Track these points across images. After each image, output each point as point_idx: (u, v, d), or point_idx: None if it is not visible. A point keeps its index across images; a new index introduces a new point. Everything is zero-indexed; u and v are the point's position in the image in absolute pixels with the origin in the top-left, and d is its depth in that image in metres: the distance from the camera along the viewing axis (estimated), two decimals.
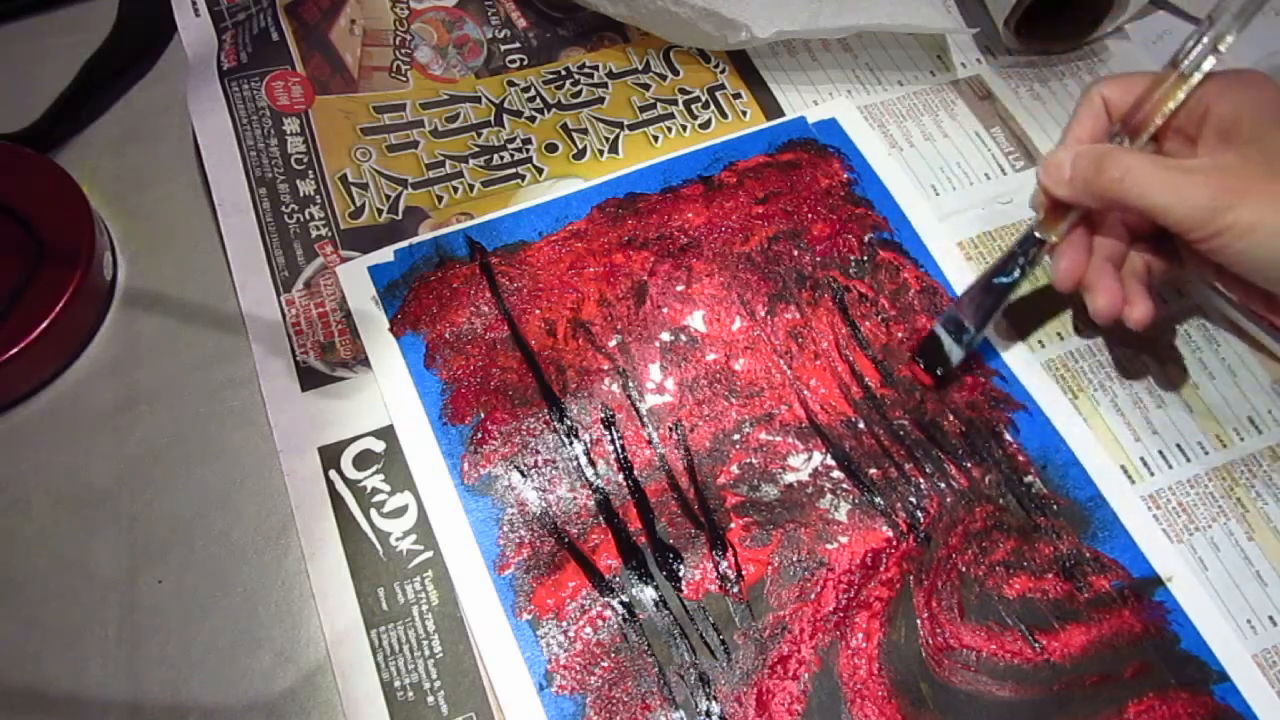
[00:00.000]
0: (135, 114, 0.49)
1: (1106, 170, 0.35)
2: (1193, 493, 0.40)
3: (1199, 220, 0.33)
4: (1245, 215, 0.33)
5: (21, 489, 0.39)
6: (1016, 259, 0.39)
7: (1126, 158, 0.35)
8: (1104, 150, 0.36)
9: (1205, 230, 0.33)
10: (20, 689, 0.35)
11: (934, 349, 0.41)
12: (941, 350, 0.40)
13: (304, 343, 0.41)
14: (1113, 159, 0.35)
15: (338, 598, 0.36)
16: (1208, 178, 0.34)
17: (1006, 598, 0.37)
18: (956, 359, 0.40)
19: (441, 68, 0.50)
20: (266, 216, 0.44)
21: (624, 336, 0.42)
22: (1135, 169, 0.34)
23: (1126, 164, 0.35)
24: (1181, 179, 0.34)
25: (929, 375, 0.41)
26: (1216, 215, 0.33)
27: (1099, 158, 0.36)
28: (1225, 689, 0.35)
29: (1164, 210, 0.34)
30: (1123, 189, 0.35)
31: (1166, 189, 0.34)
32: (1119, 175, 0.35)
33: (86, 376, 0.42)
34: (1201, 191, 0.33)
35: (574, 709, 0.34)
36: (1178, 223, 0.34)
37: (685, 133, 0.49)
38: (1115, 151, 0.36)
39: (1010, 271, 0.39)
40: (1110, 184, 0.35)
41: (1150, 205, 0.34)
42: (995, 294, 0.40)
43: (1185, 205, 0.34)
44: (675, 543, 0.37)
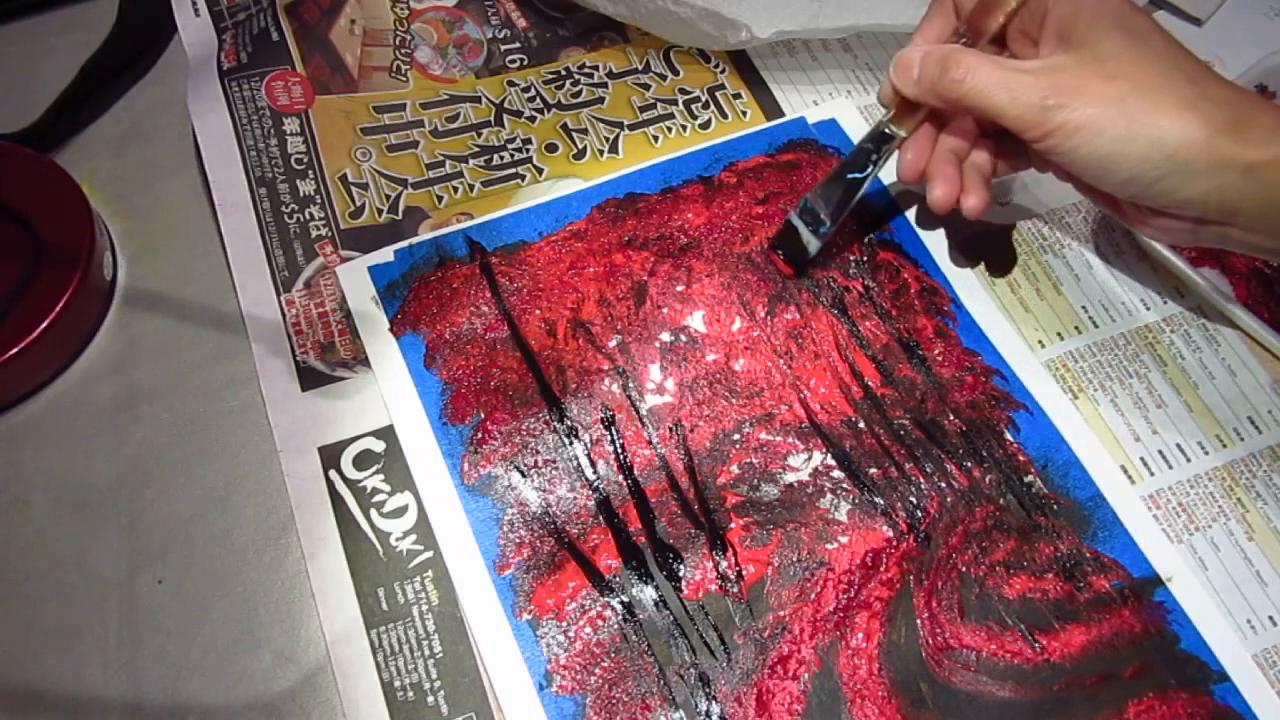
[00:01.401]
0: (135, 114, 0.49)
1: (949, 70, 0.36)
2: (1193, 493, 0.40)
3: (1031, 120, 0.34)
4: (1073, 115, 0.33)
5: (21, 489, 0.39)
6: (869, 154, 0.40)
7: (968, 58, 0.35)
8: (948, 51, 0.36)
9: (1038, 130, 0.34)
10: (20, 689, 0.35)
11: (792, 240, 0.42)
12: (799, 240, 0.42)
13: (304, 343, 0.41)
14: (955, 59, 0.36)
15: (338, 598, 0.36)
16: (1040, 78, 0.34)
17: (1006, 598, 0.37)
18: (814, 250, 0.41)
19: (441, 68, 0.50)
20: (266, 216, 0.44)
21: (624, 336, 0.42)
22: (975, 69, 0.35)
23: (968, 64, 0.35)
24: (1016, 79, 0.35)
25: (788, 265, 0.43)
26: (1047, 115, 0.34)
27: (943, 58, 0.36)
28: (1225, 689, 0.35)
29: (1000, 109, 0.35)
30: (963, 89, 0.35)
31: (1002, 89, 0.35)
32: (960, 76, 0.35)
33: (86, 376, 0.42)
34: (1033, 91, 0.34)
35: (574, 709, 0.34)
36: (1012, 121, 0.35)
37: (685, 133, 0.49)
38: (959, 52, 0.36)
39: (864, 166, 0.40)
40: (952, 84, 0.36)
41: (988, 105, 0.35)
42: (848, 187, 0.40)
43: (1019, 105, 0.34)
44: (675, 543, 0.37)
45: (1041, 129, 0.34)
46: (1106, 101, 0.33)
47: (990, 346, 0.43)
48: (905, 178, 0.40)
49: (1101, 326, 0.44)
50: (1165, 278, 0.45)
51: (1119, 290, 0.45)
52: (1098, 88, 0.33)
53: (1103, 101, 0.33)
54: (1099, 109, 0.33)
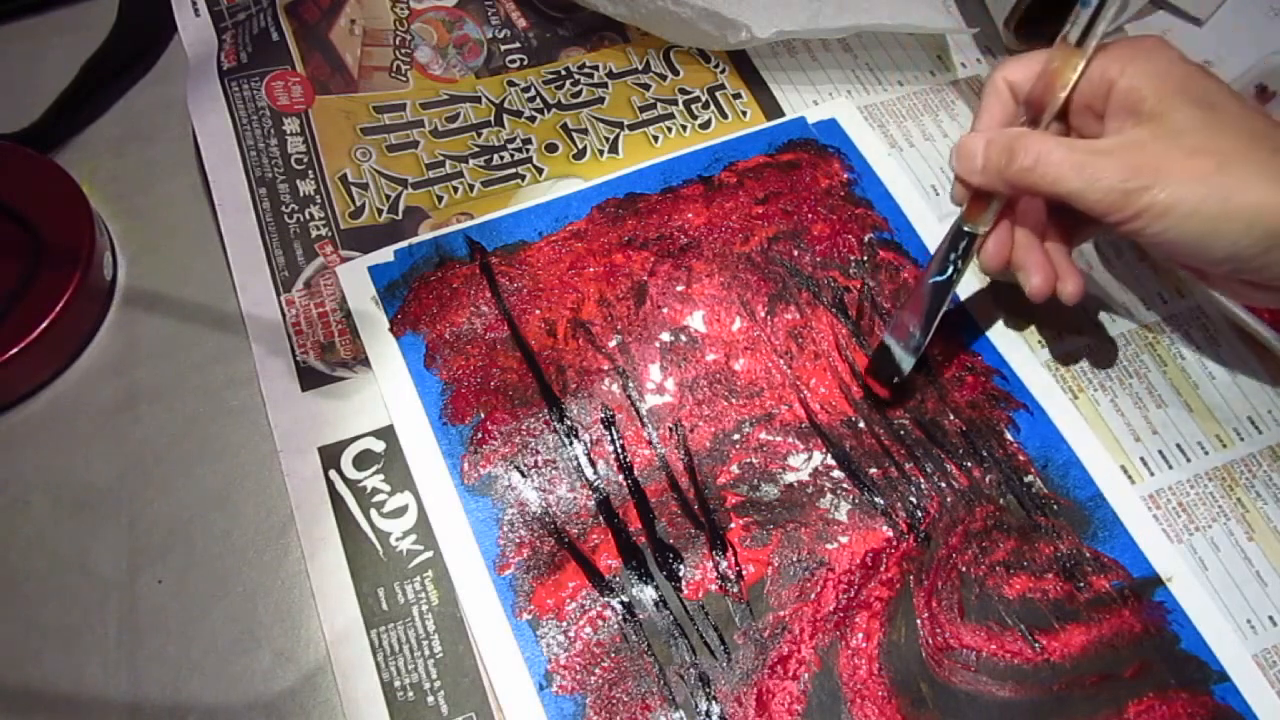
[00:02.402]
0: (135, 114, 0.49)
1: (1017, 157, 0.34)
2: (1193, 493, 0.40)
3: (1114, 204, 0.33)
4: (1161, 197, 0.32)
5: (21, 489, 0.39)
6: (949, 256, 0.38)
7: (1036, 143, 0.34)
8: (1014, 135, 0.35)
9: (1122, 213, 0.33)
10: (20, 689, 0.35)
11: (885, 360, 0.40)
12: (893, 359, 0.39)
13: (304, 343, 0.41)
14: (1022, 144, 0.34)
15: (338, 598, 0.36)
16: (1117, 159, 0.33)
17: (1006, 598, 0.37)
18: (908, 366, 0.39)
19: (441, 68, 0.50)
20: (266, 216, 0.44)
21: (624, 336, 0.42)
22: (1045, 155, 0.34)
23: (1036, 149, 0.34)
24: (1091, 161, 0.33)
25: (885, 388, 0.40)
26: (1131, 198, 0.32)
27: (1009, 144, 0.35)
28: (1225, 689, 0.35)
29: (1077, 195, 0.33)
30: (1035, 176, 0.34)
31: (1077, 173, 0.33)
32: (1030, 163, 0.34)
33: (86, 376, 0.42)
34: (1113, 174, 0.32)
35: (574, 709, 0.34)
36: (1092, 206, 0.33)
37: (685, 133, 0.49)
38: (1024, 136, 0.35)
39: (945, 270, 0.38)
40: (1022, 172, 0.34)
41: (1063, 191, 0.34)
42: (935, 294, 0.39)
43: (1098, 190, 0.33)
44: (675, 543, 0.37)
45: (1124, 213, 0.32)
46: (1193, 179, 0.32)
47: (990, 346, 0.43)
48: (990, 270, 0.39)
49: (1101, 326, 0.44)
50: (1165, 278, 0.45)
51: (1119, 290, 0.45)
52: (1181, 165, 0.32)
53: (1190, 180, 0.32)
54: (1186, 188, 0.31)
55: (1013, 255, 0.38)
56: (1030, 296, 0.38)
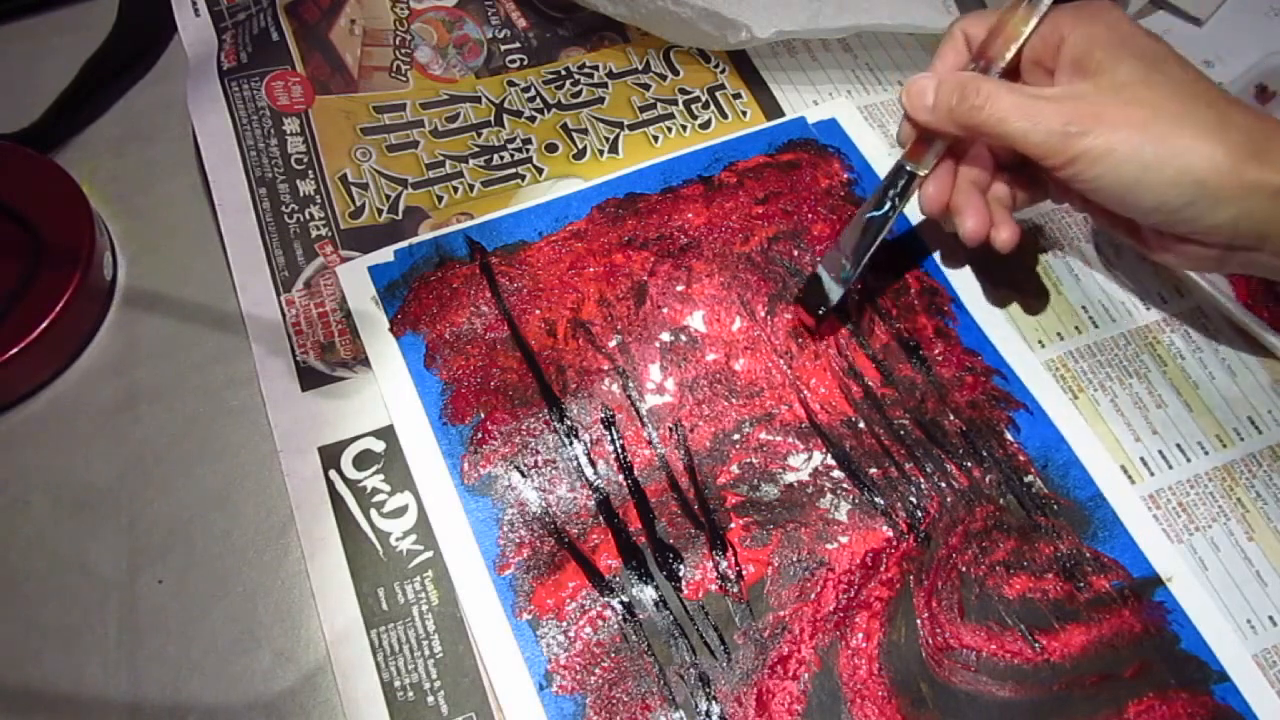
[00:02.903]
0: (135, 114, 0.49)
1: (967, 97, 0.36)
2: (1193, 493, 0.40)
3: (1054, 147, 0.34)
4: (1098, 141, 0.33)
5: (21, 489, 0.39)
6: (888, 192, 0.39)
7: (986, 85, 0.35)
8: (965, 78, 0.36)
9: (1060, 157, 0.34)
10: (20, 689, 0.35)
11: (815, 289, 0.41)
12: (822, 289, 0.41)
13: (304, 343, 0.41)
14: (973, 86, 0.36)
15: (338, 598, 0.36)
16: (1061, 105, 0.34)
17: (1006, 598, 0.37)
18: (836, 297, 0.40)
19: (441, 68, 0.50)
20: (266, 216, 0.44)
21: (624, 336, 0.42)
22: (994, 95, 0.35)
23: (986, 90, 0.35)
24: (1037, 105, 0.34)
25: (811, 316, 0.41)
26: (1069, 141, 0.33)
27: (960, 85, 0.36)
28: (1225, 689, 0.35)
29: (1021, 136, 0.34)
30: (982, 116, 0.35)
31: (1022, 115, 0.34)
32: (980, 102, 0.35)
33: (86, 376, 0.42)
34: (1055, 118, 0.34)
35: (574, 709, 0.34)
36: (1034, 148, 0.34)
37: (685, 133, 0.49)
38: (976, 79, 0.36)
39: (882, 205, 0.39)
40: (971, 110, 0.35)
41: (1008, 131, 0.35)
42: (870, 230, 0.39)
43: (1040, 131, 0.34)
44: (675, 543, 0.37)
45: (1064, 156, 0.34)
46: (1130, 127, 0.33)
47: (990, 346, 0.43)
48: (929, 211, 0.40)
49: (1101, 326, 0.44)
50: (1165, 278, 0.45)
51: (1119, 290, 0.45)
52: (1119, 113, 0.33)
53: (1126, 127, 0.33)
54: (1123, 135, 0.33)
55: (951, 199, 0.40)
56: (964, 239, 0.39)
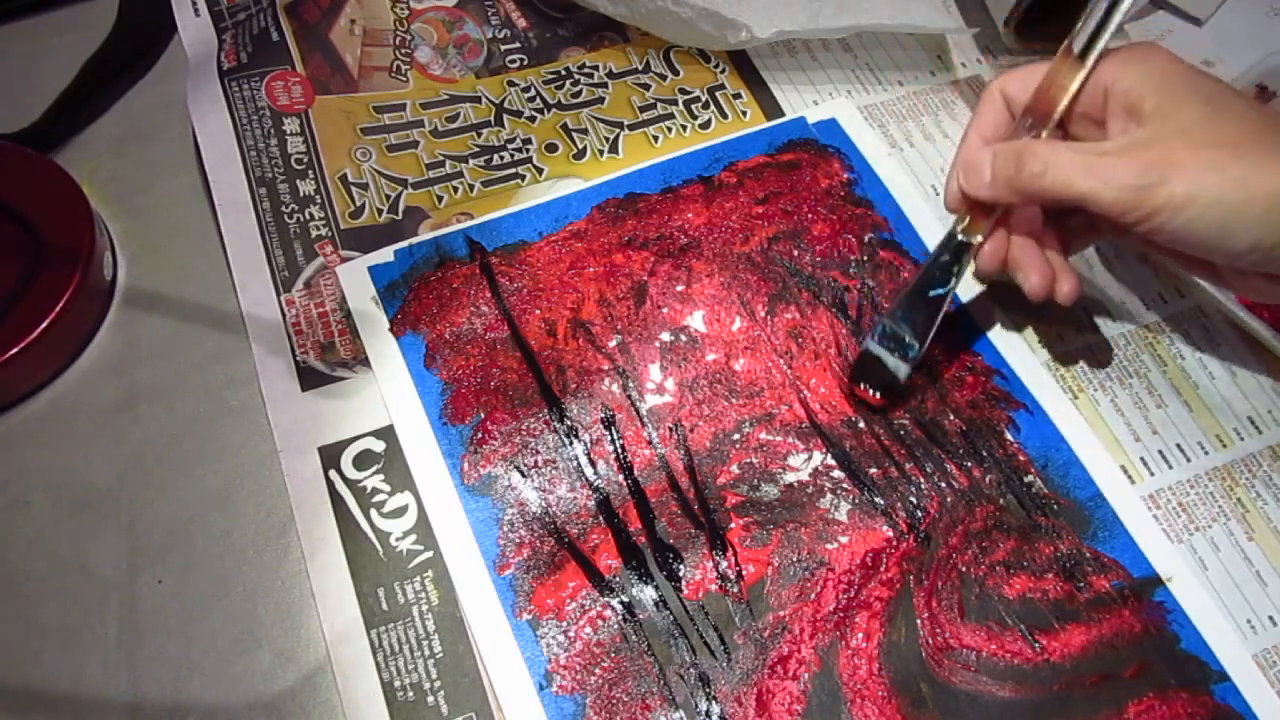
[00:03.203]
0: (135, 114, 0.49)
1: (1026, 166, 0.34)
2: (1193, 493, 0.40)
3: (1130, 202, 0.32)
4: (1178, 189, 0.32)
5: (21, 489, 0.39)
6: (949, 267, 0.38)
7: (1044, 150, 0.34)
8: (1020, 146, 0.35)
9: (1139, 211, 0.32)
10: (20, 689, 0.35)
11: (875, 369, 0.39)
12: (885, 369, 0.39)
13: (304, 343, 0.41)
14: (1030, 153, 0.34)
15: (338, 598, 0.36)
16: (1128, 157, 0.33)
17: (1006, 598, 0.37)
18: (904, 375, 0.39)
19: (441, 68, 0.50)
20: (266, 216, 0.44)
21: (624, 336, 0.42)
22: (1055, 160, 0.34)
23: (1045, 156, 0.34)
24: (1103, 162, 0.33)
25: (878, 398, 0.40)
26: (1147, 194, 0.32)
27: (1017, 154, 0.35)
28: (1225, 689, 0.35)
29: (1093, 196, 0.33)
30: (1046, 182, 0.34)
31: (1090, 175, 0.33)
32: (1040, 170, 0.34)
33: (86, 376, 0.42)
34: (1125, 172, 0.32)
35: (574, 709, 0.34)
36: (1108, 207, 0.33)
37: (685, 133, 0.49)
38: (1031, 145, 0.35)
39: (945, 282, 0.38)
40: (1032, 179, 0.34)
41: (1077, 194, 0.33)
42: (932, 306, 0.38)
43: (1112, 189, 0.33)
44: (675, 543, 0.37)
45: (1143, 210, 0.32)
46: (1208, 170, 0.31)
47: (990, 346, 0.43)
48: (986, 273, 0.39)
49: (1101, 326, 0.44)
50: (1165, 278, 0.45)
51: (1119, 290, 0.45)
52: (1194, 158, 0.32)
53: (1204, 170, 0.31)
54: (1204, 178, 0.31)
55: (1009, 255, 0.38)
56: (1029, 295, 0.38)
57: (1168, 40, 0.54)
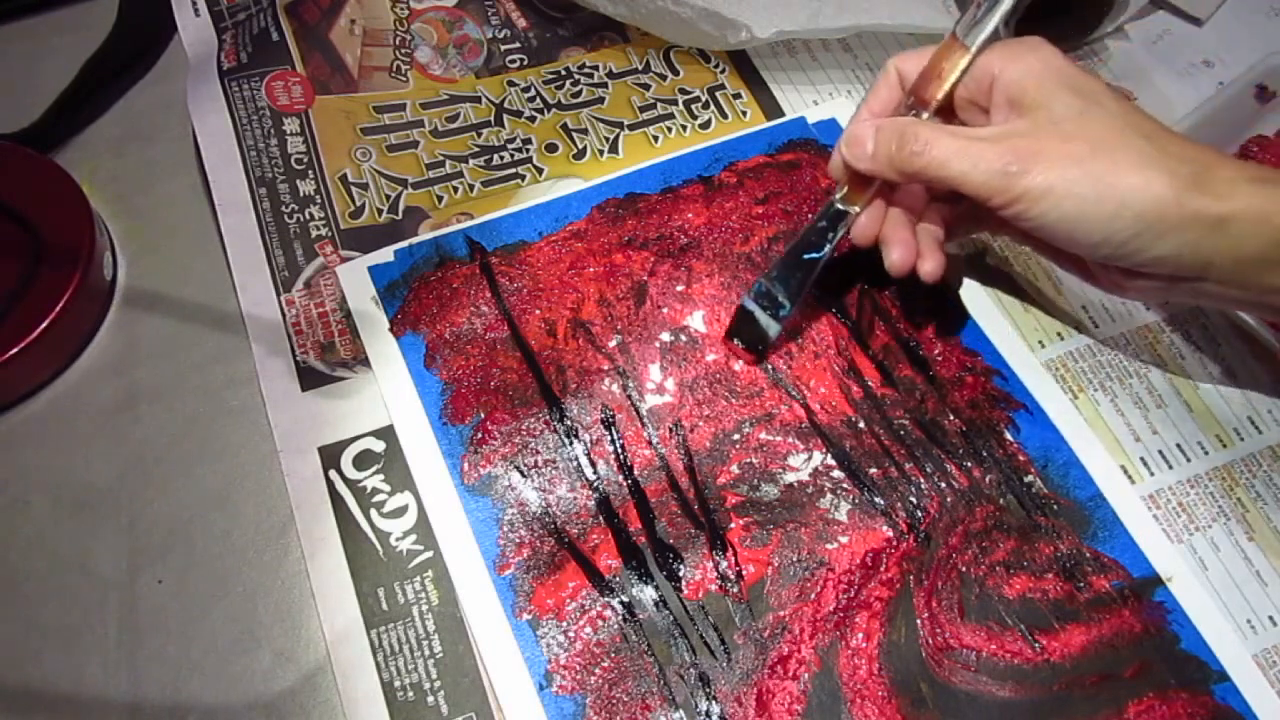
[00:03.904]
0: (135, 114, 0.49)
1: (906, 144, 0.35)
2: (1193, 493, 0.40)
3: (995, 187, 0.33)
4: (1037, 180, 0.33)
5: (21, 489, 0.39)
6: (824, 233, 0.39)
7: (925, 130, 0.35)
8: (903, 124, 0.36)
9: (1003, 197, 0.34)
10: (20, 689, 0.35)
11: (748, 326, 0.41)
12: (758, 326, 0.40)
13: (304, 343, 0.41)
14: (911, 132, 0.35)
15: (338, 598, 0.36)
16: (999, 144, 0.34)
17: (1006, 598, 0.37)
18: (774, 333, 0.40)
19: (441, 68, 0.50)
20: (266, 216, 0.44)
21: (624, 336, 0.42)
22: (932, 140, 0.35)
23: (925, 136, 0.35)
24: (976, 147, 0.34)
25: (748, 353, 0.41)
26: (1010, 181, 0.33)
27: (899, 131, 0.36)
28: (1225, 689, 0.35)
29: (962, 178, 0.34)
30: (922, 161, 0.35)
31: (962, 158, 0.34)
32: (918, 148, 0.35)
33: (86, 376, 0.42)
34: (994, 157, 0.33)
35: (574, 709, 0.34)
36: (976, 189, 0.34)
37: (685, 133, 0.49)
38: (914, 124, 0.36)
39: (819, 247, 0.39)
40: (910, 157, 0.35)
41: (949, 175, 0.34)
42: (806, 268, 0.40)
43: (980, 172, 0.34)
44: (675, 543, 0.37)
45: (1006, 195, 0.34)
46: (1069, 163, 0.33)
47: (990, 346, 0.43)
48: (859, 242, 0.39)
49: (1101, 326, 0.44)
50: None
51: None
52: (1058, 149, 0.33)
53: (1065, 163, 0.33)
54: (1062, 171, 0.33)
55: (881, 231, 0.39)
56: (889, 269, 0.39)
57: (1167, 40, 0.54)
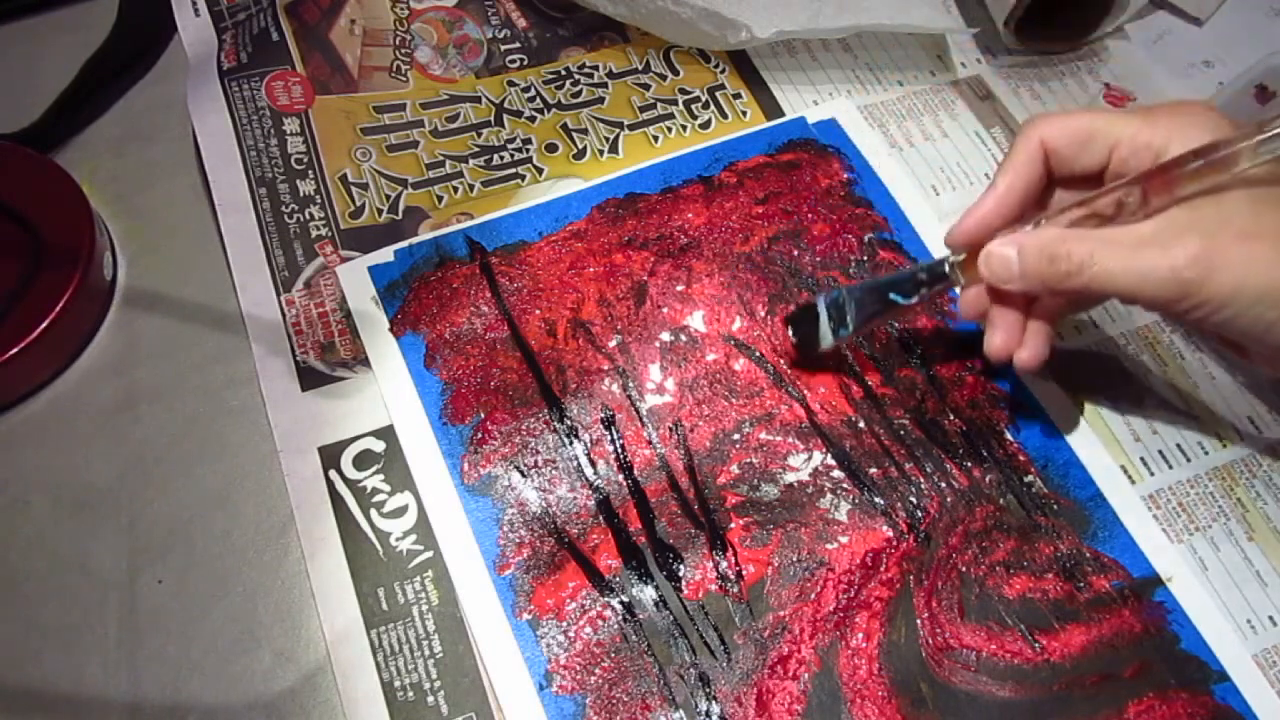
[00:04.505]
0: (135, 114, 0.49)
1: (1059, 264, 0.32)
2: (1193, 493, 0.40)
3: (1172, 295, 0.31)
4: (1220, 289, 0.30)
5: (21, 489, 0.39)
6: (920, 285, 0.37)
7: (1079, 246, 0.32)
8: (1052, 240, 0.33)
9: (1182, 305, 0.31)
10: (20, 689, 0.35)
11: (808, 324, 0.39)
12: (816, 330, 0.39)
13: (304, 343, 0.41)
14: (1065, 250, 0.32)
15: (338, 598, 0.36)
16: (1169, 249, 0.31)
17: (1006, 598, 0.37)
18: (826, 345, 0.39)
19: (441, 68, 0.50)
20: (266, 216, 0.44)
21: (624, 336, 0.42)
22: (1090, 258, 0.32)
23: (1080, 255, 0.32)
24: (1144, 258, 0.31)
25: (795, 348, 0.40)
26: (1189, 289, 0.30)
27: (1050, 251, 0.32)
28: (1225, 689, 0.35)
29: (1132, 294, 0.32)
30: (1082, 281, 0.32)
31: (1130, 272, 0.31)
32: (1076, 269, 0.32)
33: (86, 376, 0.42)
34: (1167, 266, 0.30)
35: (574, 709, 0.34)
36: (1149, 302, 0.32)
37: (685, 133, 0.49)
38: (1064, 240, 0.32)
39: (910, 294, 0.37)
40: (1065, 278, 0.32)
41: (1116, 291, 0.32)
42: (886, 306, 0.38)
43: (1152, 285, 0.31)
44: (675, 543, 0.37)
45: (1186, 303, 0.31)
46: (1253, 264, 0.30)
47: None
48: (964, 315, 0.37)
49: (1102, 326, 0.44)
50: None
51: None
52: (1238, 251, 0.30)
53: (1248, 264, 0.30)
54: (1247, 275, 0.30)
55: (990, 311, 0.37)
56: (986, 351, 0.36)
57: (1167, 40, 0.54)
